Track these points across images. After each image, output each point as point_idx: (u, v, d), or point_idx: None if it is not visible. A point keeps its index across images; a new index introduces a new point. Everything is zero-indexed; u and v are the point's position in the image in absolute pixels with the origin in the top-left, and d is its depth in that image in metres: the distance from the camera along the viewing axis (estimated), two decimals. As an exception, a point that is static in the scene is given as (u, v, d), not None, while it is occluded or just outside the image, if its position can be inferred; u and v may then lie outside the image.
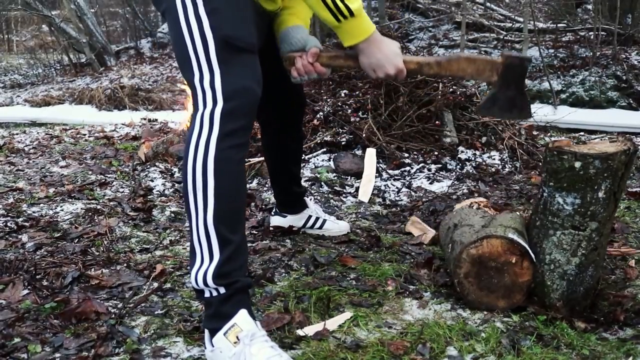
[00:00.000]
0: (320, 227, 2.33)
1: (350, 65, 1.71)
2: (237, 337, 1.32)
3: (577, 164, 1.55)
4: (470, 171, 3.43)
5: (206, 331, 1.39)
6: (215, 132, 1.40)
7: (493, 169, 3.48)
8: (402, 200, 2.96)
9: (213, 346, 1.35)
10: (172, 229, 2.40)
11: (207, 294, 1.39)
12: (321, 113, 3.75)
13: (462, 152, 3.60)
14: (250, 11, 1.51)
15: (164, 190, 2.98)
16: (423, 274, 1.93)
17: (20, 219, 2.43)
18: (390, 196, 3.02)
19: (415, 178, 3.28)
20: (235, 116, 1.42)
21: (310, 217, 2.32)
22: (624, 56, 8.37)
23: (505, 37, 9.71)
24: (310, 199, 2.34)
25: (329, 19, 1.53)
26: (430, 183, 3.23)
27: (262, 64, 1.54)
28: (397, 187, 3.14)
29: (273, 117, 2.07)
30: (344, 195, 3.02)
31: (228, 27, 1.44)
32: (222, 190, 1.39)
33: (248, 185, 3.05)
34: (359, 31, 1.56)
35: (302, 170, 3.16)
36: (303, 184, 2.52)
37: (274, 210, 2.36)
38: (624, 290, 1.79)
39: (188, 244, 2.21)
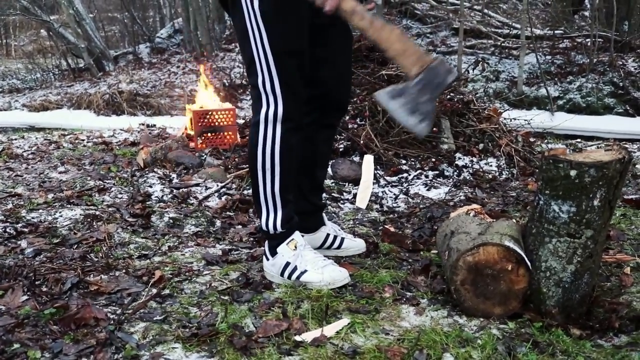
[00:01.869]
0: (339, 247, 2.16)
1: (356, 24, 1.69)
2: (295, 246, 1.90)
3: (573, 173, 1.56)
4: (468, 178, 3.44)
5: (266, 251, 1.93)
6: (279, 128, 1.82)
7: (490, 176, 3.50)
8: (399, 206, 2.98)
9: (273, 255, 1.91)
10: (171, 235, 2.41)
11: (272, 232, 1.90)
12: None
13: (460, 158, 3.62)
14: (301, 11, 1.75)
15: (162, 196, 2.99)
16: (420, 281, 1.94)
17: (19, 225, 2.44)
18: (387, 203, 3.03)
19: (413, 185, 3.30)
20: (290, 111, 1.82)
21: (328, 235, 2.15)
22: (621, 63, 8.41)
23: (502, 44, 9.74)
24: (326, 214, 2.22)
25: None
26: (428, 190, 3.25)
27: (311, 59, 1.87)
28: (394, 194, 3.16)
29: (311, 111, 1.98)
30: (341, 201, 3.03)
31: (282, 41, 1.76)
32: (284, 168, 1.86)
33: (246, 192, 3.06)
34: None
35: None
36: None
37: None
38: (619, 297, 1.80)
39: (186, 250, 2.25)
